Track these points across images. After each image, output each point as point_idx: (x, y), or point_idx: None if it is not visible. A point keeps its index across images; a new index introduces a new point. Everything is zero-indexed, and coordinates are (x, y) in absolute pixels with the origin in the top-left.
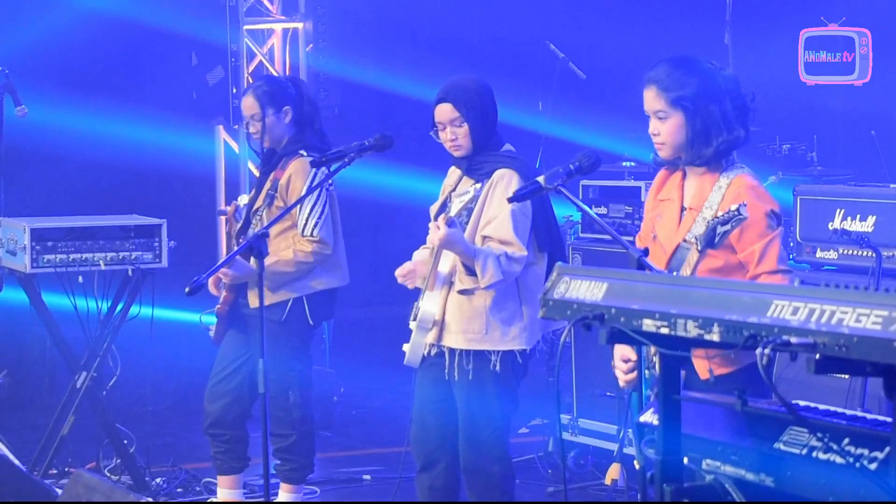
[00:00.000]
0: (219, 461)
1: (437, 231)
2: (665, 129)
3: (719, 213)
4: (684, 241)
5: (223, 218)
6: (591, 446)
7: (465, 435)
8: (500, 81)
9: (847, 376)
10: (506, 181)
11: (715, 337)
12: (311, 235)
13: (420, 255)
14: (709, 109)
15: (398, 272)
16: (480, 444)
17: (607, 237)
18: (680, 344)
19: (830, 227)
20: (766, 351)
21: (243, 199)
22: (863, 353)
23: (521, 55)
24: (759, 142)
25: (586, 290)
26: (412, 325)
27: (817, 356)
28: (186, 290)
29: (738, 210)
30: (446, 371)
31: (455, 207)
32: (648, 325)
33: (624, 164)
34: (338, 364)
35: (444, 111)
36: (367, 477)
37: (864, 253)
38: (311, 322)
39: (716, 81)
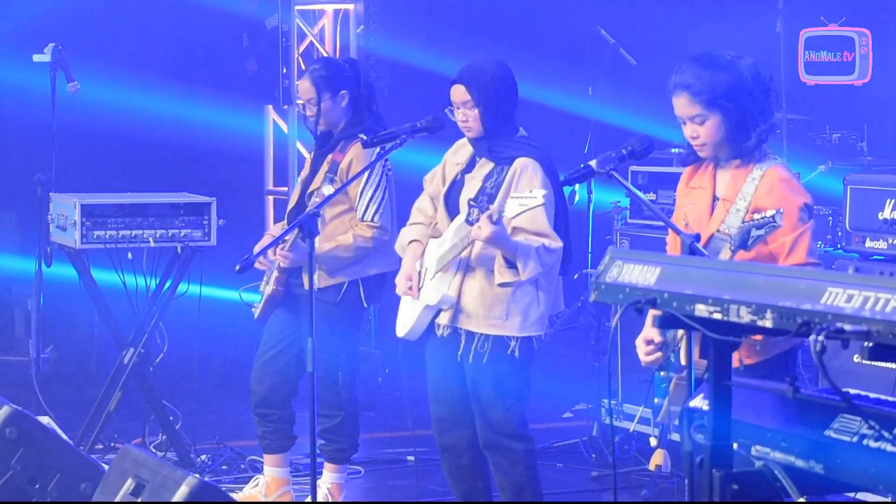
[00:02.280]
0: (266, 441)
1: (484, 229)
2: (704, 131)
3: (755, 216)
4: (718, 231)
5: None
6: (635, 431)
7: (480, 415)
8: (550, 66)
9: (894, 365)
10: (529, 172)
11: (768, 323)
12: (372, 221)
13: (413, 233)
14: (743, 103)
15: (404, 287)
16: (495, 424)
17: (655, 223)
18: (732, 329)
19: (880, 217)
20: (821, 338)
21: (329, 190)
22: None
23: (571, 40)
24: (808, 131)
25: (639, 274)
26: (409, 299)
27: (871, 344)
28: (237, 267)
29: (773, 217)
30: (460, 353)
31: (472, 188)
32: (701, 310)
33: (673, 150)
34: (382, 345)
35: (457, 92)
36: (412, 458)
37: None
38: (365, 304)
39: (742, 72)
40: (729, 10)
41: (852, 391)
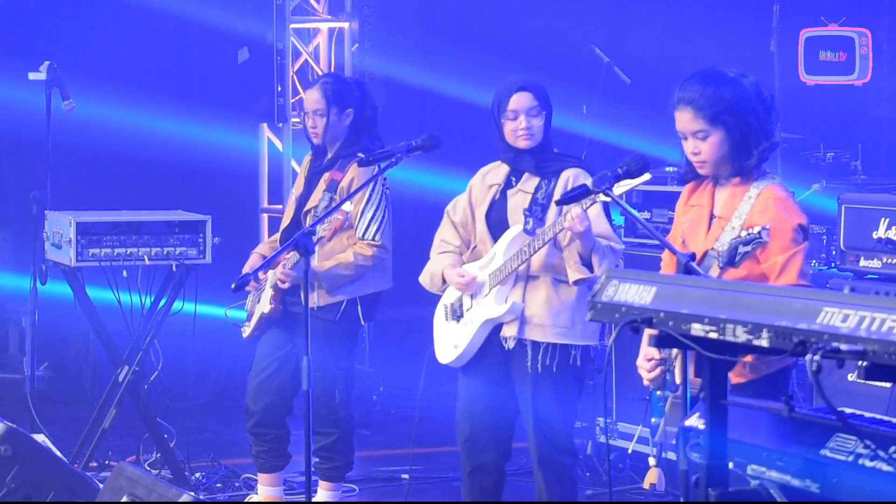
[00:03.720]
0: (261, 460)
1: (585, 219)
2: (706, 147)
3: (742, 233)
4: (712, 249)
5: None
6: (628, 450)
7: (539, 429)
8: (544, 84)
9: (889, 385)
10: (581, 179)
11: (764, 342)
12: (373, 240)
13: (444, 260)
14: (746, 119)
15: (461, 281)
16: (553, 436)
17: (650, 241)
18: (728, 349)
19: (875, 236)
20: (817, 358)
21: (349, 207)
22: None
23: (565, 58)
24: (803, 149)
25: (635, 293)
26: (451, 323)
27: (867, 364)
28: (233, 286)
29: (759, 233)
30: (528, 363)
31: (523, 201)
32: (697, 329)
33: (667, 168)
34: (377, 363)
35: (524, 99)
36: (406, 476)
37: None
38: (362, 322)
39: (745, 90)
40: (723, 30)
41: (847, 410)
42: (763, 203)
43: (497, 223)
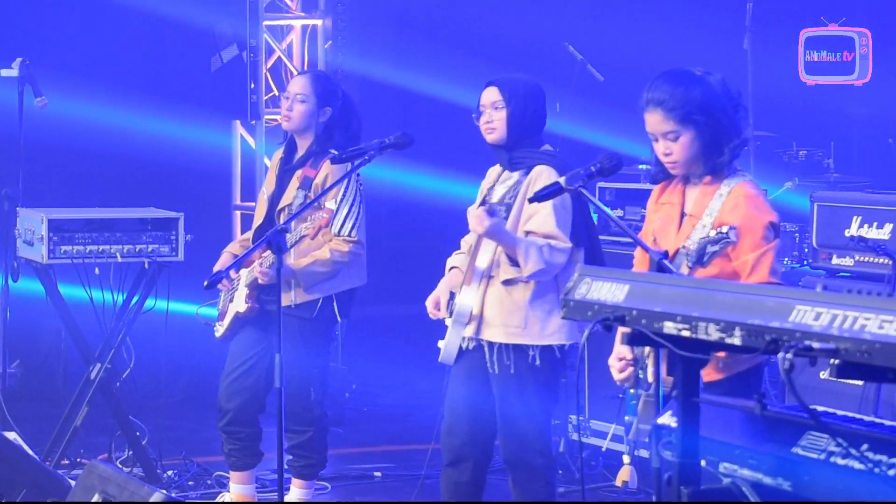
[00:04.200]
0: (233, 458)
1: (479, 222)
2: (678, 147)
3: (711, 233)
4: (683, 247)
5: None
6: (602, 448)
7: (505, 429)
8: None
9: (861, 382)
10: (544, 178)
11: (736, 341)
12: (350, 236)
13: (455, 261)
14: (716, 118)
15: (432, 313)
16: (521, 438)
17: (623, 239)
18: (701, 347)
19: (847, 234)
20: (789, 356)
21: (332, 204)
22: (885, 359)
23: (539, 56)
24: (775, 148)
25: (608, 291)
26: (448, 321)
27: (839, 362)
28: (205, 283)
29: (727, 233)
30: (487, 364)
31: (496, 197)
32: (669, 327)
33: (640, 166)
34: (350, 361)
35: (489, 93)
36: (378, 474)
37: (881, 260)
38: (338, 319)
39: (713, 88)
40: (697, 27)
41: (819, 408)
42: (734, 201)
43: None
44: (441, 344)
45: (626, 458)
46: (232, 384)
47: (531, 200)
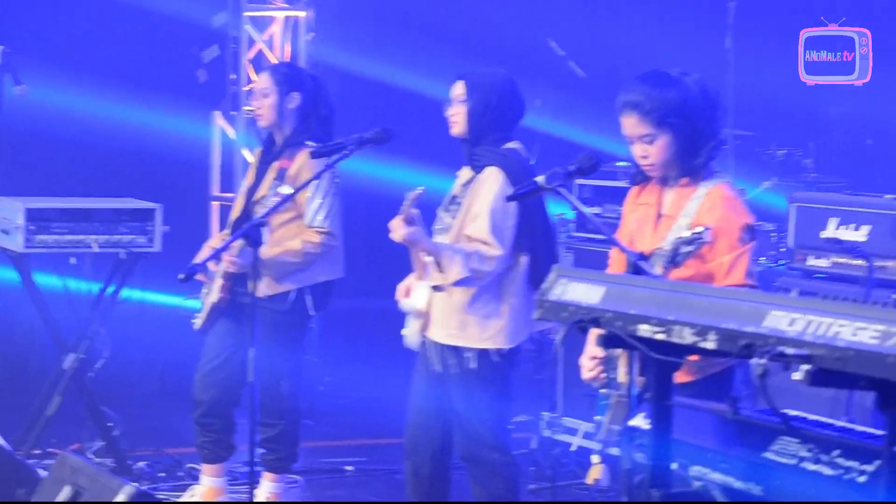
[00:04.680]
0: (206, 450)
1: (394, 230)
2: (654, 150)
3: (685, 233)
4: (659, 248)
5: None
6: (571, 446)
7: (457, 425)
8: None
9: None
10: (490, 180)
11: (711, 345)
12: (321, 226)
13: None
14: (693, 120)
15: (401, 290)
16: (472, 435)
17: (600, 237)
18: (675, 350)
19: (823, 236)
20: (762, 361)
21: (287, 189)
22: (858, 366)
23: (521, 52)
24: (755, 147)
25: (583, 292)
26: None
27: (812, 368)
28: (180, 276)
29: (701, 234)
30: (431, 362)
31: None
32: (644, 329)
33: (618, 164)
34: (324, 354)
35: (456, 87)
36: (350, 468)
37: (857, 262)
38: (312, 313)
39: (690, 89)
40: (678, 23)
41: (791, 412)
42: (711, 202)
43: None
44: (405, 332)
45: (595, 458)
46: (206, 376)
47: (509, 199)
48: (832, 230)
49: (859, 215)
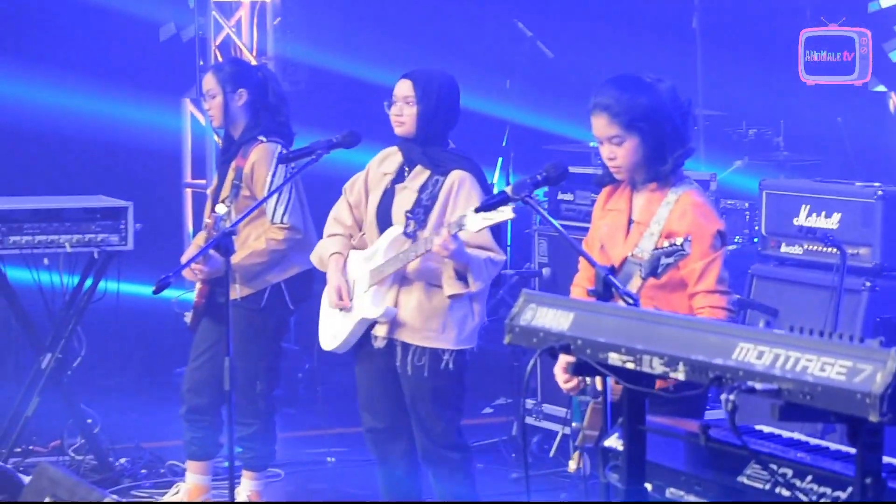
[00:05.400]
0: (193, 447)
1: (444, 246)
2: (622, 152)
3: (665, 244)
4: (632, 255)
5: (206, 227)
6: (555, 431)
7: (419, 427)
8: (467, 59)
9: None
10: (467, 185)
11: (680, 375)
12: (282, 223)
13: (334, 246)
14: (661, 126)
15: (337, 303)
16: (436, 436)
17: (572, 223)
18: (645, 379)
19: (795, 223)
20: (732, 397)
21: (222, 209)
22: (827, 402)
23: (488, 33)
24: (725, 126)
25: (552, 318)
26: (339, 311)
27: (782, 402)
28: (153, 290)
29: (682, 245)
30: (398, 364)
31: (407, 200)
32: (614, 358)
33: (591, 144)
34: (303, 340)
35: (402, 87)
36: (331, 459)
37: (829, 250)
38: (291, 307)
39: (661, 96)
40: (647, 4)
41: (766, 429)
42: (681, 209)
43: (384, 217)
44: (333, 332)
45: (572, 465)
46: (192, 374)
47: (478, 210)
48: (804, 217)
49: (829, 203)
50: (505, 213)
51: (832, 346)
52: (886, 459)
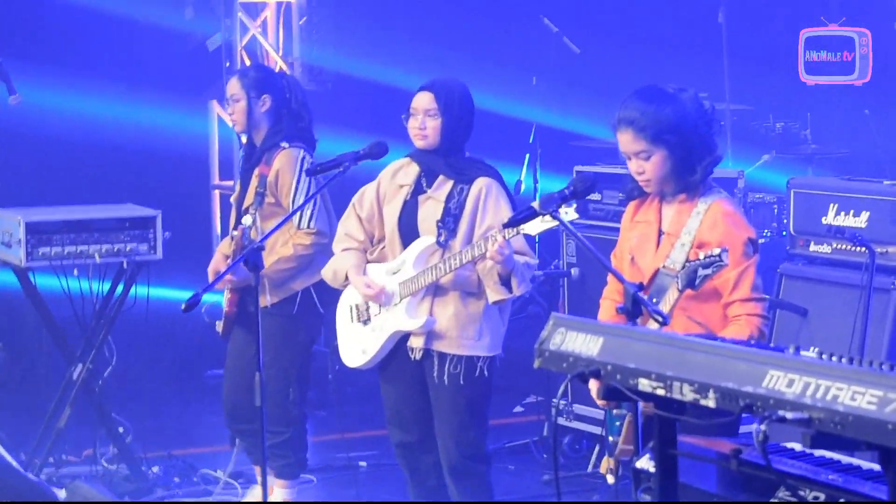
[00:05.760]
0: (253, 456)
1: (501, 251)
2: (650, 166)
3: (700, 255)
4: (663, 266)
5: (233, 238)
6: (586, 432)
7: (450, 438)
8: (493, 56)
9: None
10: (494, 192)
11: (711, 403)
12: (308, 228)
13: (348, 260)
14: (688, 137)
15: (368, 292)
16: (467, 445)
17: (601, 223)
18: (676, 405)
19: (824, 222)
20: (763, 427)
21: (248, 220)
22: (858, 432)
23: (514, 30)
24: (752, 120)
25: (582, 343)
26: (360, 327)
27: (813, 432)
28: (183, 307)
29: (720, 256)
30: (435, 374)
31: (435, 210)
32: (644, 384)
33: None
34: (333, 341)
35: (423, 99)
36: (363, 463)
37: (858, 249)
38: (321, 310)
39: (685, 106)
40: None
41: (797, 448)
42: (712, 219)
43: (407, 228)
44: (362, 347)
45: (610, 479)
46: (229, 382)
47: (506, 226)
48: (832, 217)
49: (858, 202)
50: (569, 214)
51: (862, 375)
52: None
